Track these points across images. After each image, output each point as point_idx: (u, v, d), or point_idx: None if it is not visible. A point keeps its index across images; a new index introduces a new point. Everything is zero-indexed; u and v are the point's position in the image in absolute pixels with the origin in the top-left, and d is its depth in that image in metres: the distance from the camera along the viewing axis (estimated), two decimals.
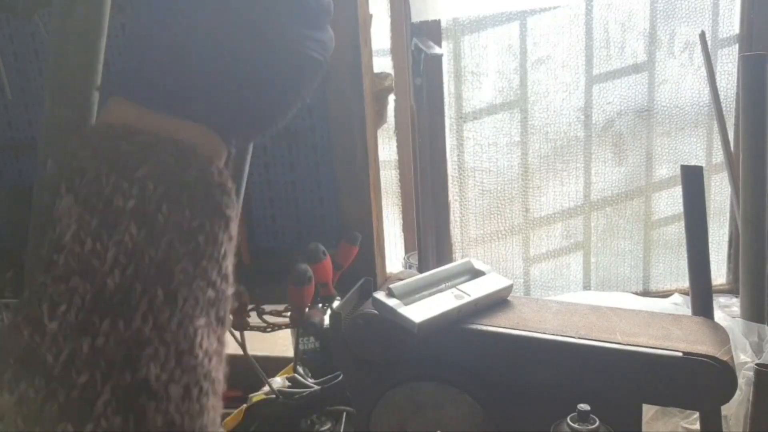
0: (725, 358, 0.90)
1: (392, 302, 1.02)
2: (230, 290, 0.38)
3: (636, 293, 1.81)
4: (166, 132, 0.36)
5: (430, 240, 1.72)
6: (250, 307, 1.12)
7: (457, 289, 1.08)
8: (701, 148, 1.76)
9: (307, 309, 1.09)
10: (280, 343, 1.64)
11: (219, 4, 0.36)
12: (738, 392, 1.00)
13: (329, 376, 1.29)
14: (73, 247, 0.33)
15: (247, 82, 0.38)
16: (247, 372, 1.21)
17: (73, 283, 0.33)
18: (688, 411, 1.34)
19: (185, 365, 0.34)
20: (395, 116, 1.77)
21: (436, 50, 1.59)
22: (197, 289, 0.35)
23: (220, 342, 0.37)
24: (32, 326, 0.33)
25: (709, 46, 1.57)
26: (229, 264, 0.38)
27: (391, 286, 1.04)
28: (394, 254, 1.90)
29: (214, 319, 0.36)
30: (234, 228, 0.38)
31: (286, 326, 1.16)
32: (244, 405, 1.33)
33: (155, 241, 0.34)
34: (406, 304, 1.03)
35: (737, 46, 1.67)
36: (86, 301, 0.33)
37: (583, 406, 0.89)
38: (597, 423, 0.88)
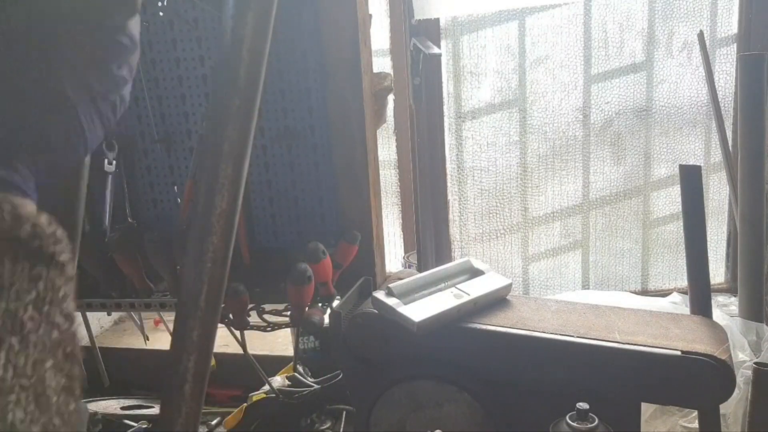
0: (724, 357, 0.90)
1: (392, 301, 1.02)
2: (74, 327, 0.42)
3: (634, 292, 1.82)
4: None
5: (430, 239, 1.72)
6: (250, 306, 1.13)
7: (457, 288, 1.08)
8: (699, 148, 1.77)
9: (306, 308, 1.09)
10: (280, 343, 1.64)
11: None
12: (736, 391, 1.00)
13: (329, 375, 1.30)
14: None
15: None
16: (247, 371, 1.21)
17: None
18: (687, 409, 1.34)
19: (42, 406, 0.37)
20: (394, 116, 1.77)
21: (435, 50, 1.59)
22: (44, 333, 0.38)
23: (69, 377, 0.41)
24: None
25: (708, 46, 1.57)
26: (71, 303, 0.41)
27: (390, 285, 1.04)
28: (394, 253, 1.90)
29: (61, 358, 0.40)
30: (71, 269, 0.42)
31: (286, 325, 1.16)
32: (244, 404, 1.34)
33: (3, 293, 0.36)
34: (405, 304, 1.03)
35: (735, 45, 1.67)
36: None
37: (582, 405, 0.89)
38: (596, 422, 0.89)
